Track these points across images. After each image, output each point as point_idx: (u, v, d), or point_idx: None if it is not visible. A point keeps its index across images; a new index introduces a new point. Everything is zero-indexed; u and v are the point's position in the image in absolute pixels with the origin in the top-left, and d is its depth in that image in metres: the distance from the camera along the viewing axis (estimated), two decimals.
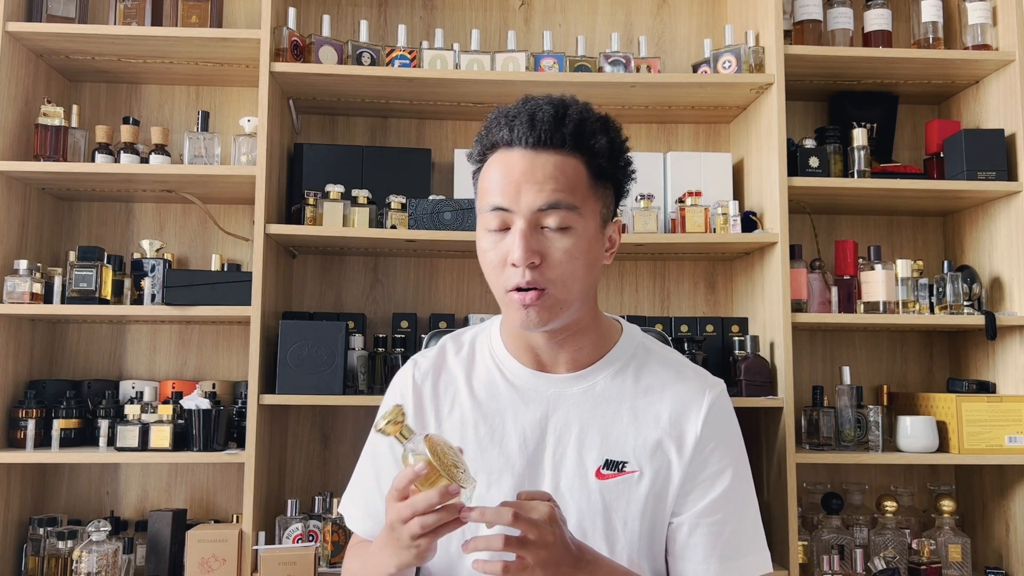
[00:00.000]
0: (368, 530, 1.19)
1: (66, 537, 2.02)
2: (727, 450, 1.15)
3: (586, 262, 1.08)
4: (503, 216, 1.06)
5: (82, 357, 2.33)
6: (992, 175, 2.14)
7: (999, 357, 2.20)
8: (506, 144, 1.08)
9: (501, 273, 1.08)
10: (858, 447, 2.12)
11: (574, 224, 1.06)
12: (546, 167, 1.05)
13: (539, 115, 1.06)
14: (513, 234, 1.05)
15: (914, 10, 2.32)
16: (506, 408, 1.15)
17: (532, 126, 1.06)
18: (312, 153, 2.24)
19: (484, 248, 1.10)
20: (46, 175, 2.10)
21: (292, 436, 2.34)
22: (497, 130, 1.09)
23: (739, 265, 2.40)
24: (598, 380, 1.16)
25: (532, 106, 1.08)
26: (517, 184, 1.05)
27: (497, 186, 1.07)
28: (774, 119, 2.12)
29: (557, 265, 1.06)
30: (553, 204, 1.05)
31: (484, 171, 1.11)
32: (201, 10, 2.14)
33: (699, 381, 1.18)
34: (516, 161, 1.06)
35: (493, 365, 1.19)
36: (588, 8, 2.53)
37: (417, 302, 2.40)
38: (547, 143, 1.06)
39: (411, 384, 1.20)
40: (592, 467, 1.11)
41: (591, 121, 1.09)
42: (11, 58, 2.08)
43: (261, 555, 1.91)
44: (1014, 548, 2.12)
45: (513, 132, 1.07)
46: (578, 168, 1.07)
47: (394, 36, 2.41)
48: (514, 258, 1.04)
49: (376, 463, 1.21)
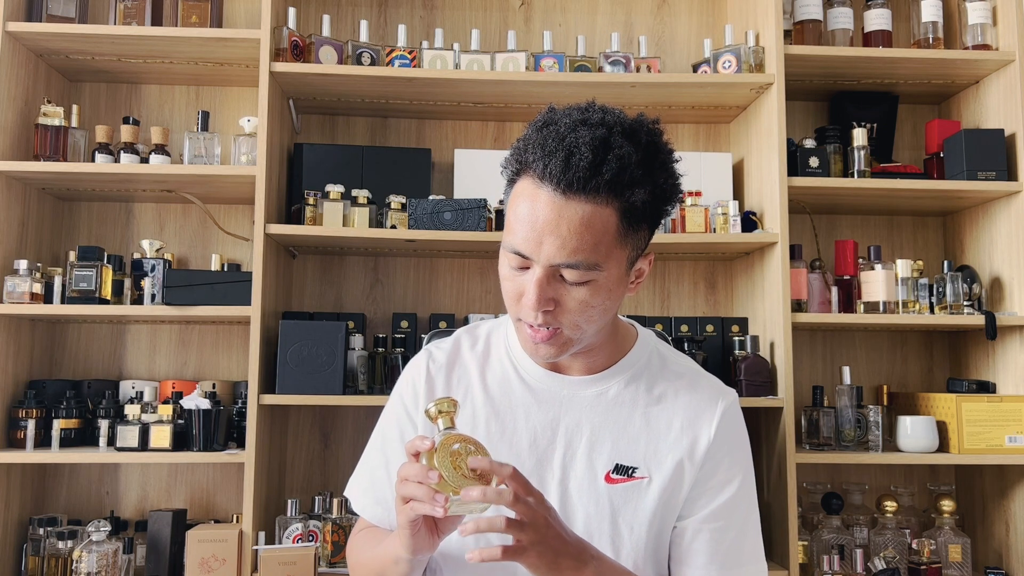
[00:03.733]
0: (378, 516, 1.18)
1: (66, 537, 2.02)
2: (736, 459, 1.15)
3: (603, 308, 1.05)
4: (522, 259, 1.02)
5: (82, 357, 2.33)
6: (992, 175, 2.14)
7: (999, 357, 2.20)
8: (539, 176, 1.00)
9: (516, 304, 1.06)
10: (858, 447, 2.12)
11: (595, 279, 1.02)
12: (572, 220, 0.98)
13: (574, 158, 0.97)
14: (530, 279, 1.02)
15: (914, 10, 2.32)
16: (518, 406, 1.14)
17: (566, 169, 0.97)
18: (312, 153, 2.24)
19: (503, 275, 1.07)
20: (46, 175, 2.10)
21: (292, 436, 2.34)
22: (534, 156, 1.01)
23: (739, 265, 2.40)
24: (612, 385, 1.15)
25: (571, 143, 0.98)
26: (540, 234, 0.99)
27: (520, 229, 1.01)
28: (774, 119, 2.12)
29: (570, 312, 1.03)
30: (572, 264, 1.00)
31: (513, 197, 1.05)
32: (201, 10, 2.14)
33: (712, 390, 1.17)
34: (543, 207, 0.99)
35: (508, 362, 1.18)
36: (588, 8, 2.53)
37: (417, 302, 2.40)
38: (579, 190, 0.98)
39: (424, 374, 1.19)
40: (602, 471, 1.11)
41: (632, 167, 0.99)
42: (11, 58, 2.08)
43: (261, 555, 1.91)
44: (1014, 548, 2.12)
45: (547, 168, 0.99)
46: (609, 219, 1.00)
47: (394, 36, 2.41)
48: (527, 303, 1.02)
49: (385, 449, 1.20)
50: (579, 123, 1.01)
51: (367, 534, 1.19)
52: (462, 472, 0.92)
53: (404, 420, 1.20)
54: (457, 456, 0.93)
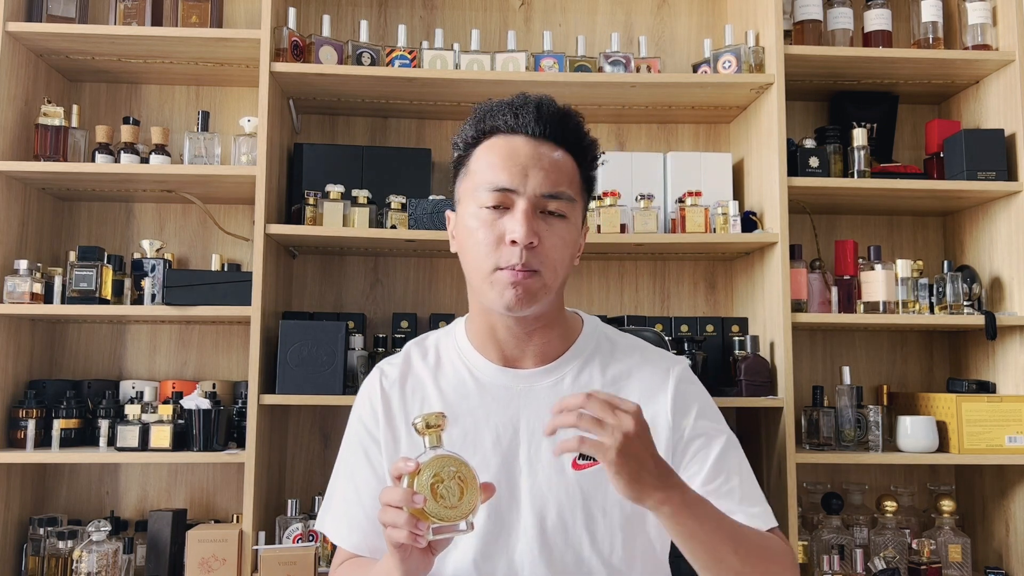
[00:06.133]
0: (355, 543, 1.16)
1: (66, 537, 2.02)
2: (707, 419, 1.16)
3: (571, 253, 1.13)
4: (505, 196, 1.08)
5: (82, 357, 2.33)
6: (992, 175, 2.14)
7: (999, 357, 2.20)
8: (509, 130, 1.11)
9: (493, 252, 1.08)
10: (858, 447, 2.12)
11: (570, 214, 1.11)
12: (550, 158, 1.10)
13: (544, 108, 1.11)
14: (515, 214, 1.07)
15: (914, 10, 2.32)
16: (477, 408, 1.15)
17: (539, 116, 1.10)
18: (312, 153, 2.24)
19: (473, 227, 1.10)
20: (46, 175, 2.10)
21: (292, 436, 2.34)
22: (499, 116, 1.12)
23: (739, 265, 2.40)
24: (566, 373, 1.17)
25: (536, 99, 1.12)
26: (524, 167, 1.08)
27: (502, 167, 1.09)
28: (774, 119, 2.12)
29: (551, 249, 1.09)
30: (557, 193, 1.09)
31: (478, 153, 1.13)
32: (201, 10, 2.14)
33: (663, 362, 1.20)
34: (521, 146, 1.10)
35: (461, 365, 1.20)
36: (588, 8, 2.53)
37: (417, 302, 2.40)
38: (550, 137, 1.10)
39: (379, 391, 1.20)
40: (568, 458, 1.12)
41: (587, 134, 1.15)
42: (11, 58, 2.08)
43: (261, 555, 1.91)
44: (1014, 548, 2.12)
45: (519, 119, 1.10)
46: (573, 167, 1.13)
47: (394, 36, 2.41)
48: (516, 236, 1.06)
49: (355, 479, 1.19)
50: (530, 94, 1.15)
51: (351, 566, 1.16)
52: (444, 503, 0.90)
53: (367, 440, 1.19)
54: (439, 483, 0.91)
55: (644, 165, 2.28)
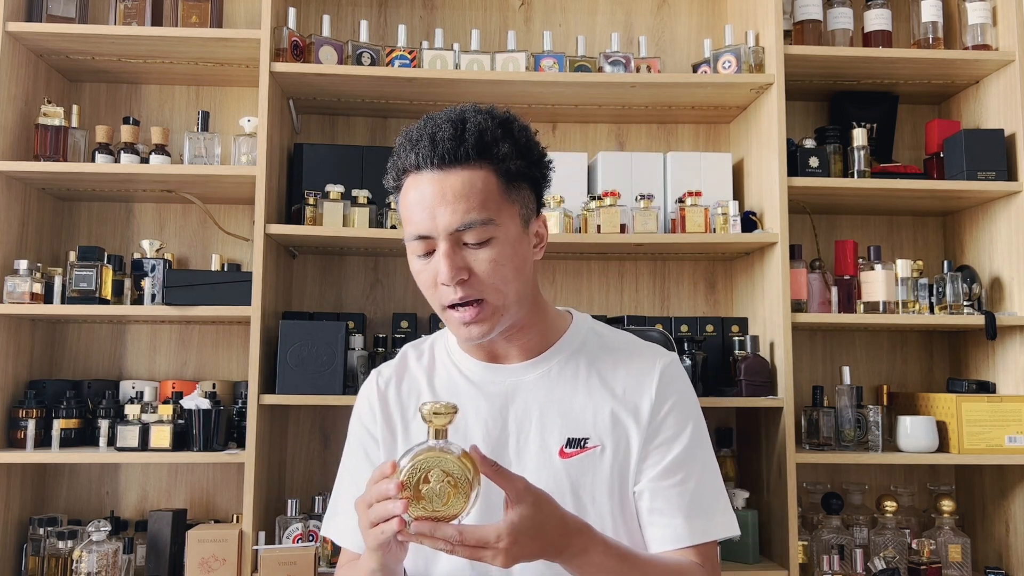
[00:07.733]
0: (359, 544, 1.17)
1: (66, 537, 2.02)
2: (682, 414, 1.17)
3: (514, 266, 1.11)
4: (427, 242, 1.09)
5: (82, 357, 2.33)
6: (992, 175, 2.14)
7: (999, 357, 2.20)
8: (415, 168, 1.10)
9: (435, 292, 1.11)
10: (858, 447, 2.12)
11: (494, 235, 1.09)
12: (455, 186, 1.07)
13: (439, 135, 1.08)
14: (437, 256, 1.08)
15: (914, 10, 2.32)
16: (467, 404, 1.17)
17: (434, 147, 1.08)
18: (312, 153, 2.24)
19: (416, 270, 1.13)
20: (46, 175, 2.10)
21: (292, 436, 2.34)
22: (405, 155, 1.11)
23: (739, 265, 2.40)
24: (553, 365, 1.19)
25: (432, 126, 1.10)
26: (431, 209, 1.07)
27: (414, 214, 1.09)
28: (774, 119, 2.12)
29: (486, 275, 1.09)
30: (468, 224, 1.07)
31: (402, 198, 1.13)
32: (201, 10, 2.14)
33: (651, 355, 1.21)
34: (426, 185, 1.08)
35: (451, 364, 1.22)
36: (588, 8, 2.53)
37: (417, 302, 2.39)
38: (451, 161, 1.08)
39: (376, 393, 1.23)
40: (555, 447, 1.14)
41: (491, 129, 1.10)
42: (11, 58, 2.08)
43: (261, 555, 1.91)
44: (1014, 548, 2.12)
45: (419, 155, 1.09)
46: (487, 179, 1.09)
47: (394, 36, 2.41)
48: (442, 278, 1.08)
49: (356, 479, 1.20)
50: (433, 117, 1.13)
51: (352, 567, 1.18)
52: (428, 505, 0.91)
53: (367, 440, 1.22)
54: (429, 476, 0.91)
55: (644, 165, 2.28)
